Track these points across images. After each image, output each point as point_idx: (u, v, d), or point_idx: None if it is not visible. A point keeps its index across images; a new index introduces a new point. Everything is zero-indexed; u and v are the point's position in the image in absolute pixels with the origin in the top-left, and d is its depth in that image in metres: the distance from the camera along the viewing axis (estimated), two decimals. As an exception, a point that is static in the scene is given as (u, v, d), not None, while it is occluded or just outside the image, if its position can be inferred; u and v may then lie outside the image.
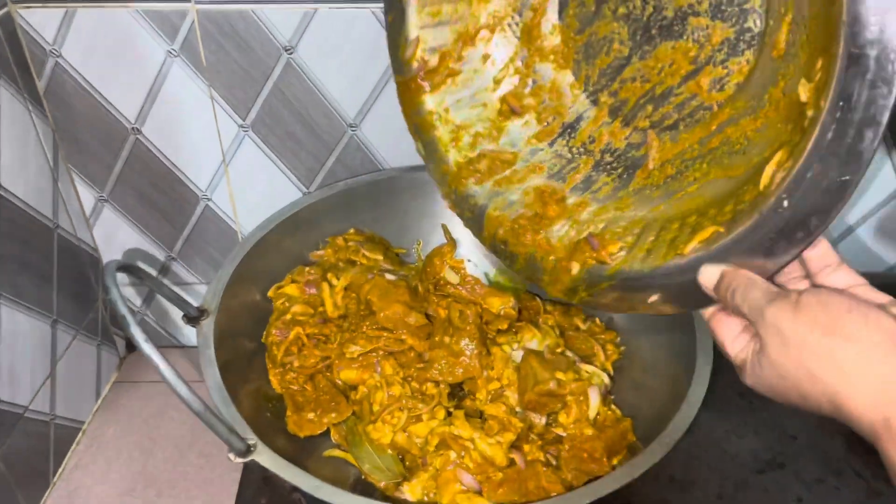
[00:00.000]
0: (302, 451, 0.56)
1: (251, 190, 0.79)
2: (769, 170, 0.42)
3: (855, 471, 0.65)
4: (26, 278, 0.70)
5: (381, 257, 0.67)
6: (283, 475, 0.46)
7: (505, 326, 0.61)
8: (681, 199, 0.50)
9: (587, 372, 0.60)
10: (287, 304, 0.63)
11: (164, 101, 0.72)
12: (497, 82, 0.61)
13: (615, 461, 0.53)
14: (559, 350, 0.61)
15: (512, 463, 0.53)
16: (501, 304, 0.61)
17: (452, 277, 0.63)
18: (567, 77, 0.59)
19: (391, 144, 0.76)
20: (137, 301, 0.88)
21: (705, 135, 0.51)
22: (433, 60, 0.59)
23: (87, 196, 0.79)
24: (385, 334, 0.59)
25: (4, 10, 0.65)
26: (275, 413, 0.58)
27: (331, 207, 0.69)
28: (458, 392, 0.60)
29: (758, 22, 0.47)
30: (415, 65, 0.59)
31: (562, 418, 0.55)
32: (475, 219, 0.58)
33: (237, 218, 0.81)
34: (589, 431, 0.54)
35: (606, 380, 0.62)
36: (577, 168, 0.58)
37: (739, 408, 0.70)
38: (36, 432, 0.73)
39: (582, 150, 0.58)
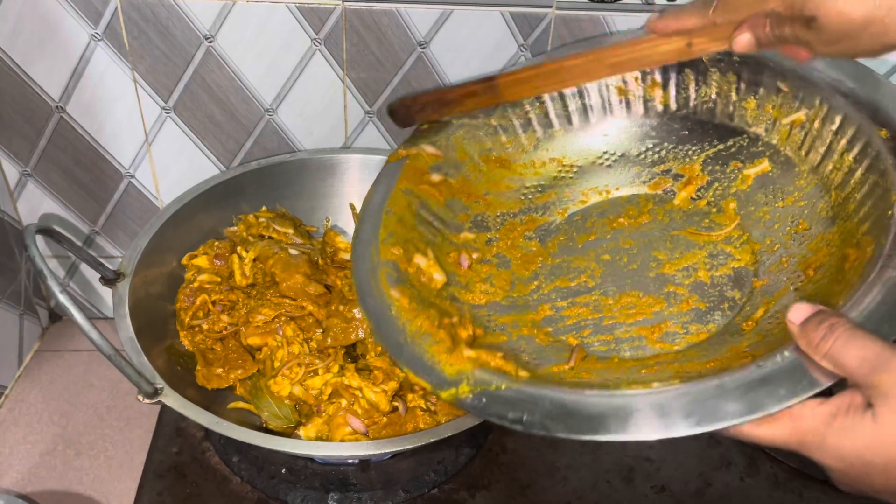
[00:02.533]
0: (210, 403, 0.62)
1: (173, 168, 0.83)
2: None
3: (700, 423, 0.75)
4: (-51, 246, 0.73)
5: (291, 231, 0.74)
6: (187, 414, 0.52)
7: (398, 294, 0.68)
8: None
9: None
10: (196, 275, 0.69)
11: (87, 82, 0.76)
12: (462, 231, 0.63)
13: (481, 406, 0.61)
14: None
15: (395, 409, 0.60)
16: (393, 274, 0.69)
17: (349, 255, 0.70)
18: (520, 275, 0.61)
19: (305, 129, 0.82)
20: (60, 274, 0.92)
21: (645, 369, 0.49)
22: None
23: (11, 171, 0.82)
24: (287, 301, 0.66)
25: (-69, -10, 0.69)
26: (185, 368, 0.64)
27: (245, 185, 0.75)
28: (352, 352, 0.67)
29: (729, 312, 0.52)
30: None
31: (439, 370, 0.63)
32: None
33: (159, 195, 0.86)
34: (460, 381, 0.62)
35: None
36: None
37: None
38: (-43, 394, 0.77)
39: (497, 328, 0.56)
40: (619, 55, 0.57)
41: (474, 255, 0.61)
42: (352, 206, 0.77)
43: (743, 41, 0.51)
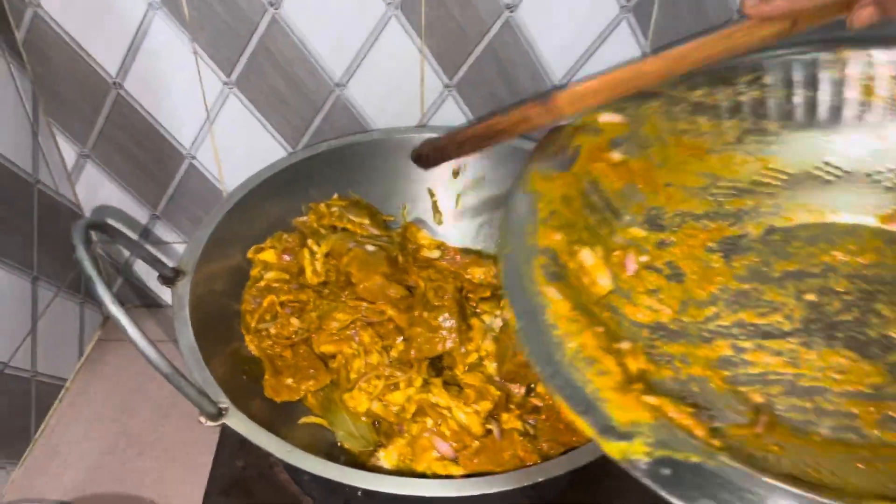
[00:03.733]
0: (278, 416, 0.56)
1: (236, 149, 0.77)
2: None
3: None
4: (3, 234, 0.69)
5: (367, 221, 0.66)
6: (255, 440, 0.46)
7: (488, 294, 0.60)
8: None
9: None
10: (263, 272, 0.62)
11: (145, 55, 0.70)
12: (632, 225, 0.51)
13: (592, 433, 0.53)
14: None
15: (489, 432, 0.53)
16: (483, 274, 0.60)
17: (432, 253, 0.62)
18: (695, 295, 0.49)
19: (378, 106, 0.74)
20: (122, 256, 0.87)
21: (861, 462, 0.39)
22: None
23: (69, 151, 0.77)
24: (364, 304, 0.58)
25: (-21, -44, 0.63)
26: (251, 376, 0.58)
27: (313, 169, 0.68)
28: (437, 363, 0.59)
29: None
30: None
31: (539, 388, 0.55)
32: None
33: (222, 177, 0.80)
34: (566, 403, 0.54)
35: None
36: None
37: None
38: (16, 389, 0.73)
39: (663, 359, 0.45)
40: (708, 50, 0.45)
41: (642, 259, 0.49)
42: (430, 192, 0.69)
43: (865, 15, 0.41)
